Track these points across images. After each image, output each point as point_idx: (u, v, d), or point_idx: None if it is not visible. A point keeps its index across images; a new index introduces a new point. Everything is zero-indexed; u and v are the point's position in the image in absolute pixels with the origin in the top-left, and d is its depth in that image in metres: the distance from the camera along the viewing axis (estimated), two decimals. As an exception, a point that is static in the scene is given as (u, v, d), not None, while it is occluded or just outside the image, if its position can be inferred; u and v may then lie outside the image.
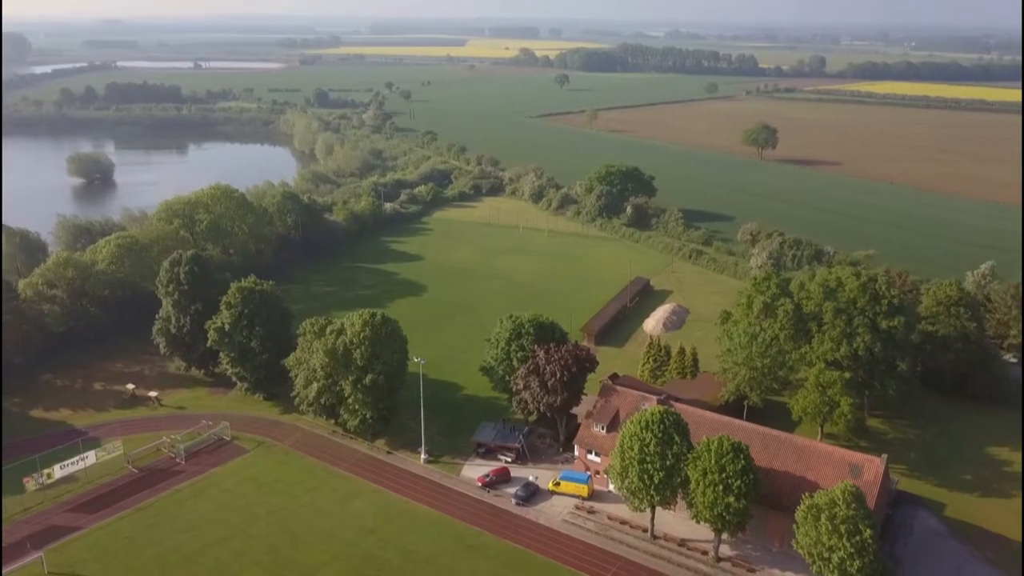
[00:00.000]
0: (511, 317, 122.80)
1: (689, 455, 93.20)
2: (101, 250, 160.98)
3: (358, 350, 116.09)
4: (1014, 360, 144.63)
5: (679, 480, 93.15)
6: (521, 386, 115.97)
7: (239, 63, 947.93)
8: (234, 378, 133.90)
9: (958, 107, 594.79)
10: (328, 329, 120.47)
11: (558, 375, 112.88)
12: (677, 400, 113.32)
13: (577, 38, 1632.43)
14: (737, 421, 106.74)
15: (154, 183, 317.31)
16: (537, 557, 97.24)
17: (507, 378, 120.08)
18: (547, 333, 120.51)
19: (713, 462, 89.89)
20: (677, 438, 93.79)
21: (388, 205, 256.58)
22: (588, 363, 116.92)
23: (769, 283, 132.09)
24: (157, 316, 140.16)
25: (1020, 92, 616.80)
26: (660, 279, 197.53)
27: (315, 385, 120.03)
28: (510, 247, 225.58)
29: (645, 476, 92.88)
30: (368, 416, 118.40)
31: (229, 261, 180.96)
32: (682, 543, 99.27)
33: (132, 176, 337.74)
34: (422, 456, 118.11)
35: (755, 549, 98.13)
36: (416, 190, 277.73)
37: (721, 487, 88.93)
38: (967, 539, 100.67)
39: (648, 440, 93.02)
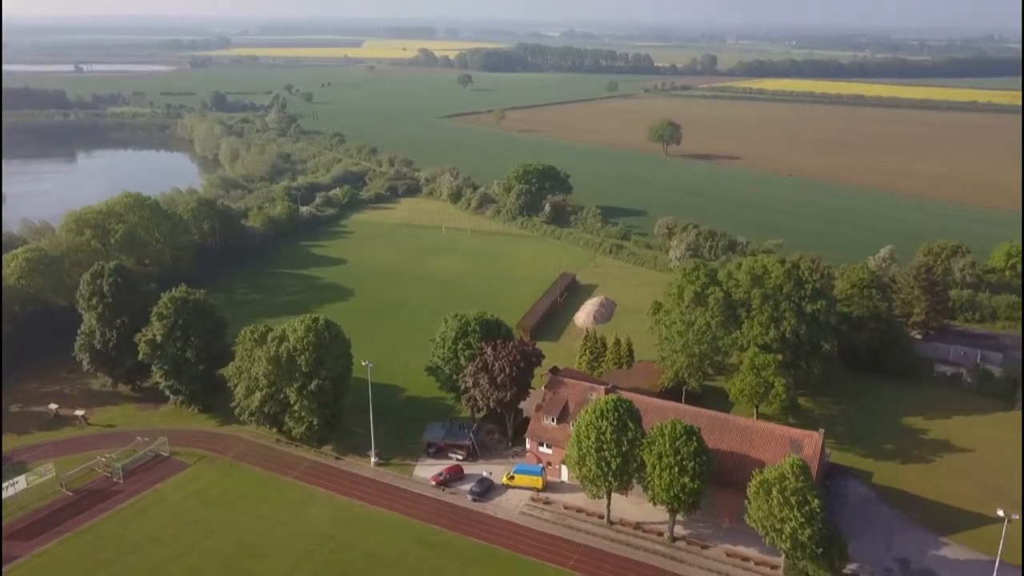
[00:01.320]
0: (456, 316, 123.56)
1: (643, 440, 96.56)
2: (8, 264, 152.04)
3: (302, 356, 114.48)
4: (918, 337, 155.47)
5: (635, 465, 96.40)
6: (471, 383, 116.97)
7: (125, 66, 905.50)
8: (167, 391, 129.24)
9: (840, 102, 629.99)
10: (269, 336, 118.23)
11: (507, 371, 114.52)
12: (621, 389, 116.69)
13: (474, 38, 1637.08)
14: (682, 406, 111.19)
15: (47, 192, 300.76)
16: (501, 551, 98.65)
17: (455, 377, 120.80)
18: (493, 330, 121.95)
19: (668, 445, 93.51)
20: (631, 425, 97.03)
21: (304, 209, 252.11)
22: (534, 358, 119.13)
23: (698, 273, 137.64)
24: (79, 331, 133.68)
25: (894, 88, 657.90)
26: (585, 274, 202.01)
27: (258, 394, 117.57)
28: (434, 247, 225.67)
29: (603, 463, 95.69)
30: (314, 422, 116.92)
31: (146, 272, 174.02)
32: (637, 526, 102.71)
33: (20, 186, 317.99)
34: (372, 459, 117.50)
35: (706, 527, 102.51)
36: (331, 193, 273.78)
37: (676, 469, 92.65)
38: (894, 503, 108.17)
39: (604, 428, 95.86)
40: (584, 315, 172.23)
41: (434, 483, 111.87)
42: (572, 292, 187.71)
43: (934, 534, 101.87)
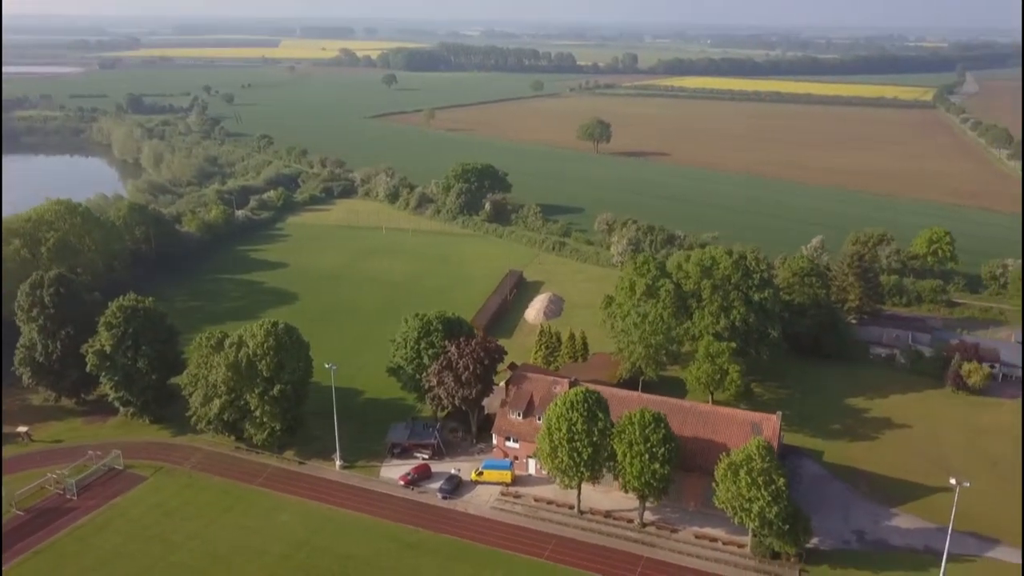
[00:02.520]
0: (417, 316, 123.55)
1: (613, 430, 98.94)
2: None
3: (263, 361, 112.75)
4: (854, 321, 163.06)
5: (606, 454, 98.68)
6: (435, 382, 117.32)
7: (28, 67, 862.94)
8: (117, 403, 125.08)
9: (758, 99, 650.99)
10: (227, 342, 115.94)
11: (472, 368, 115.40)
12: (583, 381, 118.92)
13: (393, 38, 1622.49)
14: (645, 395, 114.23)
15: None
16: (476, 546, 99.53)
17: (418, 376, 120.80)
18: (455, 329, 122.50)
19: (638, 433, 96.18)
20: (601, 415, 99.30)
21: (240, 213, 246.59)
22: (497, 354, 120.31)
23: (649, 266, 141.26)
24: (18, 344, 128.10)
25: (808, 84, 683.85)
26: (530, 271, 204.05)
27: (217, 401, 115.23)
28: (377, 248, 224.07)
29: (575, 454, 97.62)
30: (277, 428, 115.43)
31: (81, 282, 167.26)
32: (608, 514, 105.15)
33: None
34: (337, 463, 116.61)
35: (673, 511, 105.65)
36: (266, 196, 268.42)
37: (647, 456, 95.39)
38: (846, 479, 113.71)
39: (575, 419, 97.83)
40: (534, 311, 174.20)
41: (403, 483, 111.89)
42: (520, 289, 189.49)
43: (884, 506, 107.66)
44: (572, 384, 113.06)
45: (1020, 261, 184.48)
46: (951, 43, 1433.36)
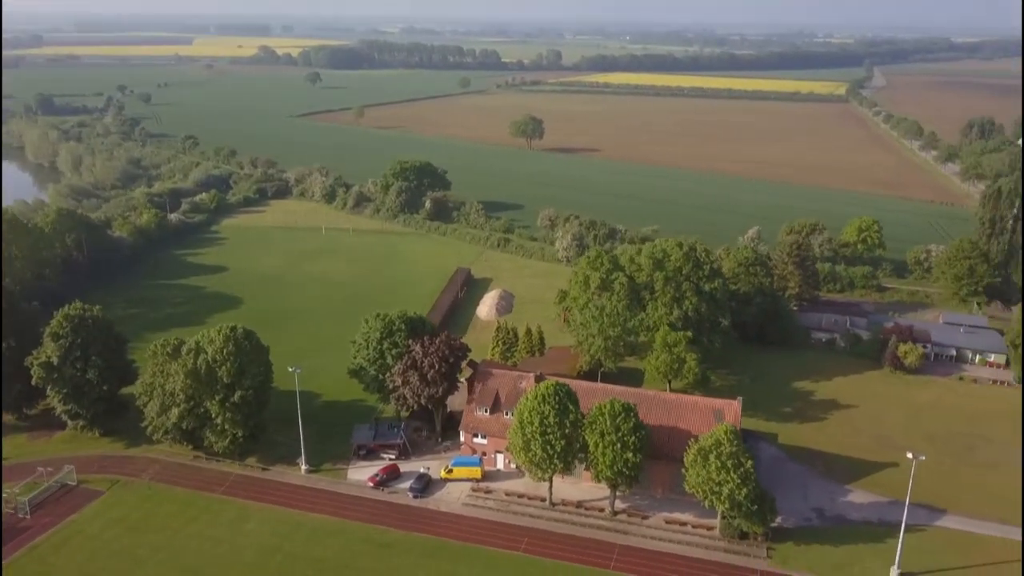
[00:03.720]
0: (378, 316, 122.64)
1: (584, 421, 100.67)
2: None
3: (223, 367, 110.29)
4: (795, 308, 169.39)
5: (578, 445, 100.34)
6: (400, 382, 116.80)
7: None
8: (64, 417, 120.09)
9: (681, 94, 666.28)
10: (184, 349, 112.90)
11: (437, 366, 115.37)
12: (547, 375, 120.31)
13: (311, 35, 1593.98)
14: (611, 386, 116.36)
15: None
16: (451, 543, 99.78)
17: (381, 377, 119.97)
18: (418, 328, 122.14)
19: (609, 424, 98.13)
20: (571, 407, 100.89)
21: (172, 216, 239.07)
22: (461, 352, 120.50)
23: (602, 260, 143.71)
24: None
25: (728, 80, 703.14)
26: (477, 268, 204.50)
27: (175, 410, 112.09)
28: (318, 249, 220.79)
29: (548, 447, 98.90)
30: (239, 435, 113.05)
31: (10, 291, 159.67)
32: (579, 505, 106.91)
33: None
34: (302, 467, 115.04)
35: (642, 499, 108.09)
36: (198, 198, 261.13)
37: (619, 445, 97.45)
38: (801, 460, 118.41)
39: (547, 412, 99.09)
40: (486, 308, 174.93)
41: (371, 484, 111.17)
42: (469, 287, 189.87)
43: (839, 483, 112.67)
44: (538, 379, 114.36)
45: (943, 247, 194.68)
46: (857, 39, 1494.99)
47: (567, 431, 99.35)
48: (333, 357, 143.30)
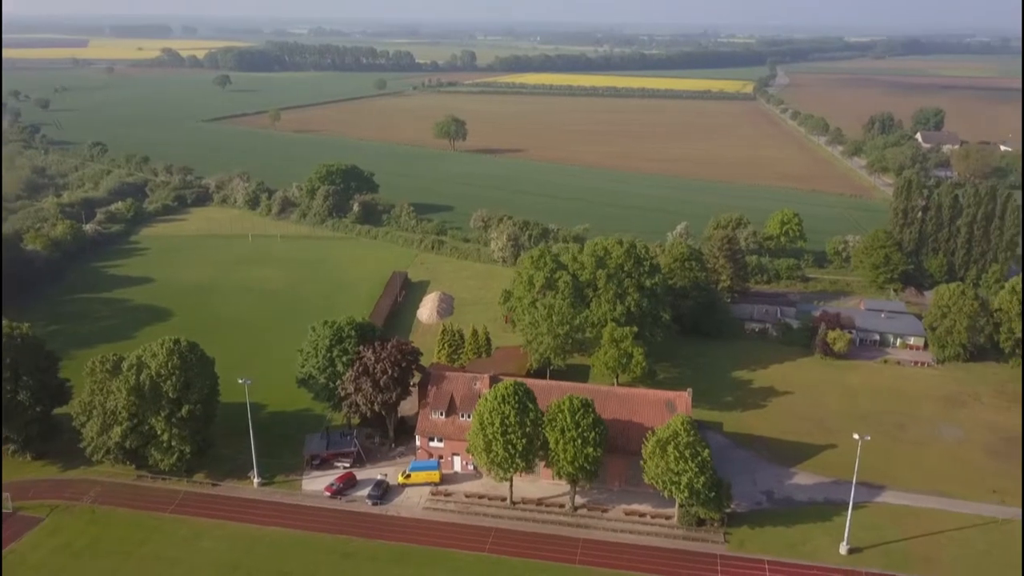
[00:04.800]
0: (327, 323, 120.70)
1: (543, 419, 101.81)
2: None
3: (168, 381, 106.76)
4: (728, 300, 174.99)
5: (539, 443, 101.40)
6: (352, 389, 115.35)
7: None
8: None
9: (596, 94, 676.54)
10: (125, 365, 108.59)
11: (389, 372, 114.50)
12: (501, 375, 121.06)
13: (214, 36, 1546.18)
14: (565, 383, 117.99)
15: None
16: (416, 548, 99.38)
17: (331, 385, 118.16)
18: (368, 333, 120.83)
19: (569, 420, 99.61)
20: (531, 406, 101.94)
21: (88, 227, 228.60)
22: (412, 356, 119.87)
23: (545, 259, 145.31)
24: None
25: (642, 79, 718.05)
26: (413, 271, 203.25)
27: (117, 429, 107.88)
28: (247, 257, 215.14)
29: (509, 446, 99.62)
30: (186, 451, 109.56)
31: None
32: (539, 502, 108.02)
33: None
34: (255, 480, 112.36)
35: (600, 493, 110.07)
36: (113, 207, 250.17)
37: (580, 441, 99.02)
38: (747, 447, 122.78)
39: (507, 412, 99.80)
40: (427, 311, 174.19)
41: (328, 494, 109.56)
42: (407, 290, 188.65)
43: (785, 467, 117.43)
44: (493, 380, 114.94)
45: (859, 237, 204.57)
46: (758, 39, 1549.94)
47: (528, 430, 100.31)
48: (275, 367, 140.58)
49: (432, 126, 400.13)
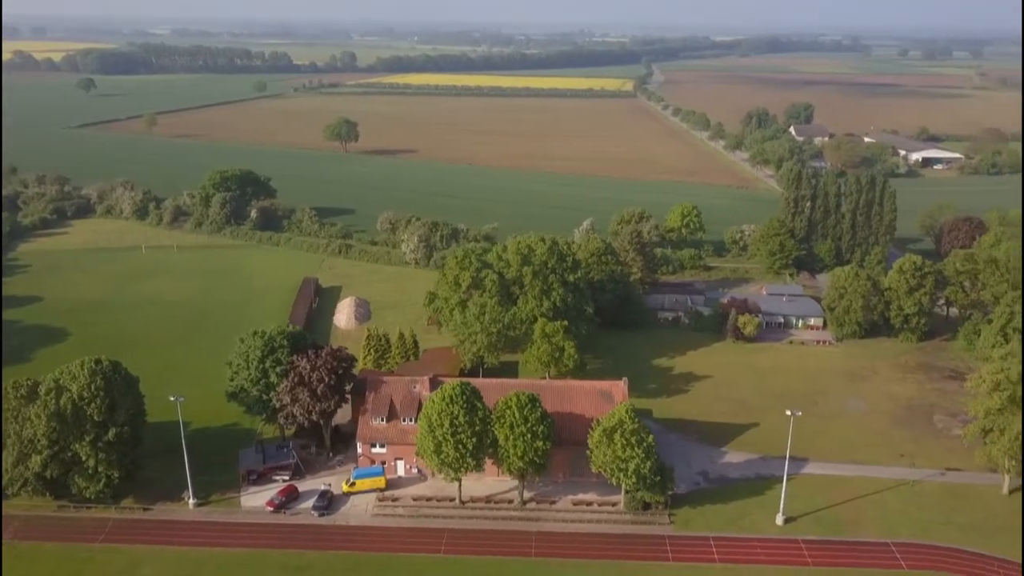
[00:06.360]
0: (257, 333, 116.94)
1: (491, 416, 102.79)
2: None
3: (92, 404, 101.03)
4: (640, 292, 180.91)
5: (488, 441, 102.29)
6: (288, 400, 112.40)
7: None
8: None
9: (482, 94, 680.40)
10: (42, 389, 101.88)
11: (327, 380, 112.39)
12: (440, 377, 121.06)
13: (67, 37, 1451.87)
14: (506, 380, 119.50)
15: None
16: (370, 555, 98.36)
17: (265, 397, 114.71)
18: (300, 342, 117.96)
19: (518, 415, 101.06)
20: (479, 404, 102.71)
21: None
22: (347, 363, 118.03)
23: (470, 259, 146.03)
24: None
25: (526, 79, 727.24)
26: (324, 277, 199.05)
27: (36, 458, 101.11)
28: (143, 270, 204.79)
29: (460, 446, 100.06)
30: (114, 476, 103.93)
31: None
32: (488, 500, 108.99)
33: None
34: (190, 501, 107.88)
35: (545, 485, 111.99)
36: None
37: (529, 435, 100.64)
38: (678, 431, 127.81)
39: (456, 412, 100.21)
40: (344, 317, 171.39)
41: (270, 508, 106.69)
42: (320, 296, 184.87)
43: (715, 447, 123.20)
44: (433, 382, 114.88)
45: (754, 226, 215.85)
46: (631, 38, 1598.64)
47: (477, 428, 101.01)
48: (193, 382, 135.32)
49: (322, 128, 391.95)
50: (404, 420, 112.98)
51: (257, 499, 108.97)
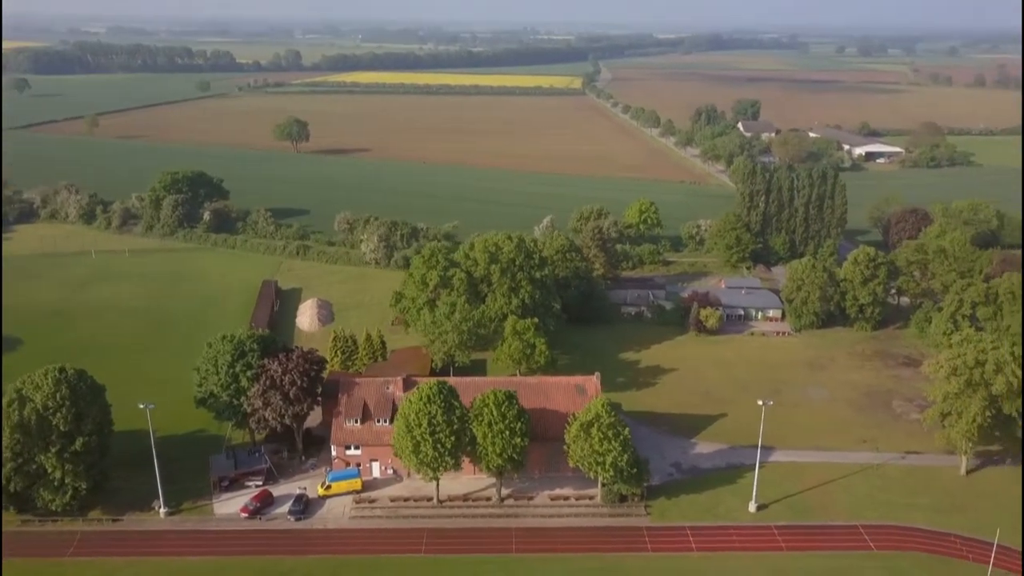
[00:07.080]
0: (226, 337, 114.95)
1: (469, 415, 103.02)
2: None
3: (57, 414, 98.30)
4: (603, 287, 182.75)
5: (467, 439, 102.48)
6: (260, 404, 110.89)
7: None
8: None
9: (430, 92, 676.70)
10: (4, 400, 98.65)
11: (299, 383, 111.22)
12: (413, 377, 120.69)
13: None
14: (478, 378, 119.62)
15: None
16: (352, 558, 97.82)
17: (235, 402, 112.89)
18: (270, 345, 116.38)
19: (496, 413, 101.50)
20: (456, 403, 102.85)
21: None
22: (319, 365, 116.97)
23: (437, 258, 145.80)
24: None
25: (473, 76, 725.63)
26: (283, 279, 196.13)
27: None
28: (95, 276, 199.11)
29: (439, 445, 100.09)
30: (81, 487, 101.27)
31: None
32: (466, 498, 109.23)
33: None
34: (161, 510, 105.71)
35: (523, 481, 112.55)
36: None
37: (507, 432, 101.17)
38: (648, 423, 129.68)
39: (434, 412, 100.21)
40: (307, 319, 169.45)
41: (245, 515, 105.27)
42: (280, 299, 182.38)
43: (686, 439, 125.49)
44: (407, 382, 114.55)
45: (711, 221, 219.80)
46: (576, 36, 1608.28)
47: (455, 427, 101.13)
48: (157, 388, 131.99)
49: (271, 128, 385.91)
50: (378, 421, 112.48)
51: (230, 506, 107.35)
